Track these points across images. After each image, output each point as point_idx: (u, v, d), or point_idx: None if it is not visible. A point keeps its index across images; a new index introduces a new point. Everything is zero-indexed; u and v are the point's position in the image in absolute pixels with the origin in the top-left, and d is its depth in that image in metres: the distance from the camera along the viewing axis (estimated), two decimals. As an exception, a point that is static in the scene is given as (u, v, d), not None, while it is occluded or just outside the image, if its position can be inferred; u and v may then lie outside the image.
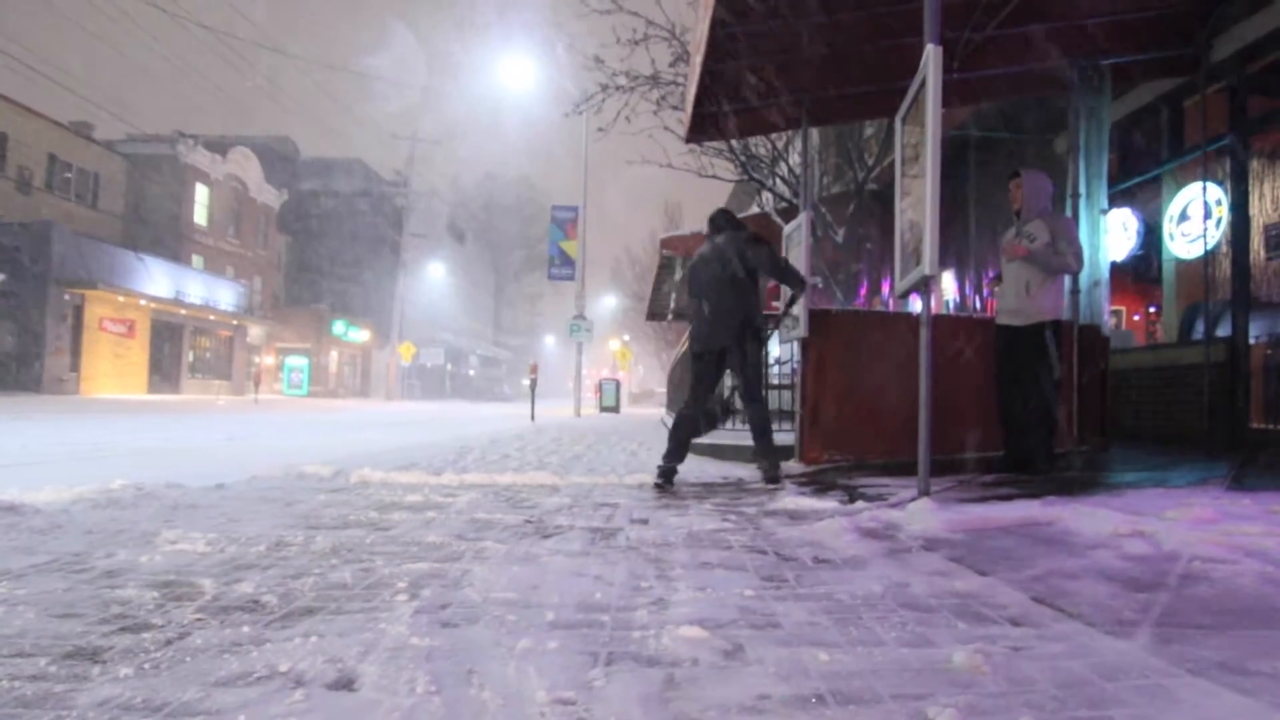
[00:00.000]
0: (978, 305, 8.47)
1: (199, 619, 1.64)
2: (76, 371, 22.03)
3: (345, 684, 1.30)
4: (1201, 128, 5.73)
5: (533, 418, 13.67)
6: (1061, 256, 4.10)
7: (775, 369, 7.61)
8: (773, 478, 4.11)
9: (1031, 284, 4.15)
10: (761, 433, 4.23)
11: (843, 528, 2.68)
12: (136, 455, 5.97)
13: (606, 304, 49.92)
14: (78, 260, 21.44)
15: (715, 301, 4.18)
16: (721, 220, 4.46)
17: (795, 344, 5.44)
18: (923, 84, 3.20)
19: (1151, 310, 7.32)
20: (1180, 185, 6.17)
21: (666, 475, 4.09)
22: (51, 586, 1.89)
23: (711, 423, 4.46)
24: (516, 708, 1.22)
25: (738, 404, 4.61)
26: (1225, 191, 5.54)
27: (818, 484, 4.15)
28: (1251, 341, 5.25)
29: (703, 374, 4.33)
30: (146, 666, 1.37)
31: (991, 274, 8.18)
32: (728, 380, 4.66)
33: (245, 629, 1.58)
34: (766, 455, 4.19)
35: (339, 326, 36.74)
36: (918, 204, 3.32)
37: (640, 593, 1.90)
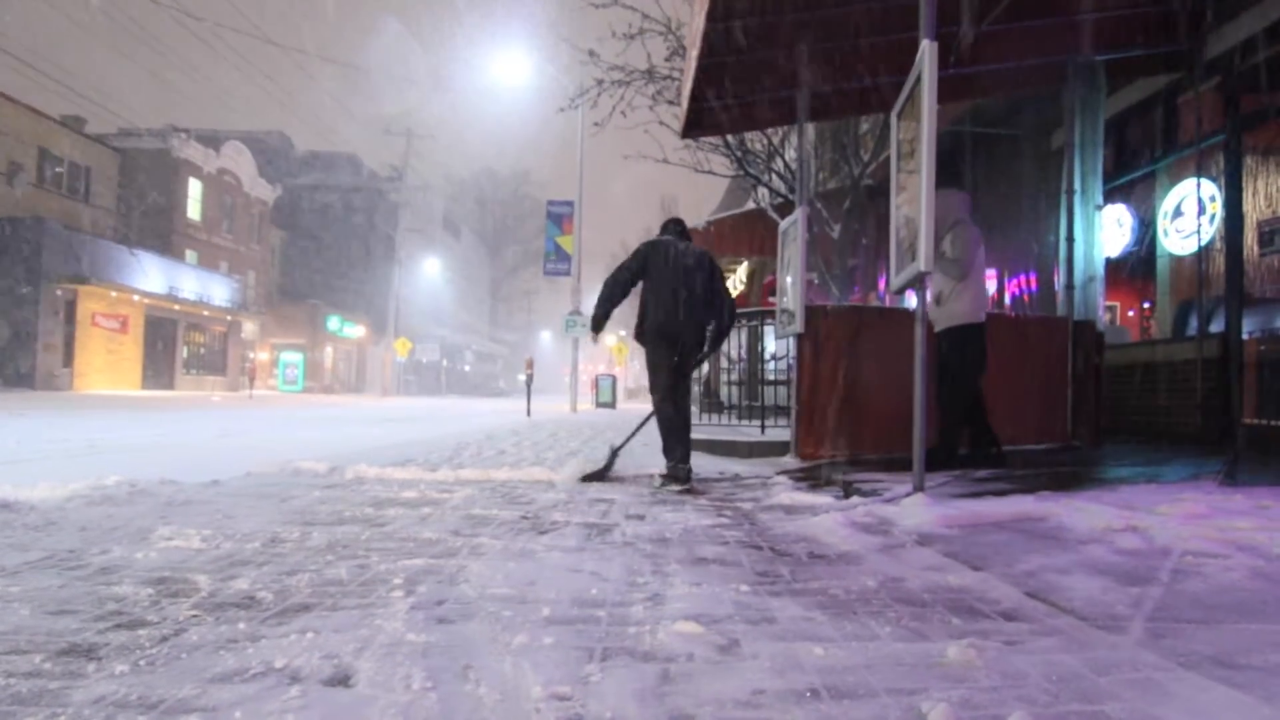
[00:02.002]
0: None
1: (194, 615, 1.64)
2: (69, 367, 21.90)
3: (341, 680, 1.30)
4: (1196, 124, 5.75)
5: (529, 413, 13.66)
6: (944, 261, 4.29)
7: (771, 364, 7.63)
8: (682, 475, 3.98)
9: (944, 293, 4.34)
10: (684, 432, 4.14)
11: (838, 523, 2.69)
12: (131, 451, 5.95)
13: (602, 299, 49.73)
14: (70, 255, 21.30)
15: (695, 305, 4.16)
16: (684, 228, 4.49)
17: (791, 339, 5.45)
18: (918, 79, 3.19)
19: (1146, 306, 7.35)
20: (1174, 181, 6.19)
21: (687, 476, 3.98)
22: (46, 583, 1.88)
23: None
24: (513, 703, 1.22)
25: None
26: (1219, 187, 5.56)
27: (813, 479, 4.16)
28: (1245, 337, 5.28)
29: (670, 362, 4.18)
30: (142, 663, 1.37)
31: (988, 270, 8.20)
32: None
33: (241, 625, 1.58)
34: (682, 458, 4.04)
35: (334, 322, 36.62)
36: (913, 200, 3.32)
37: (636, 588, 1.91)
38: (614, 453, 4.45)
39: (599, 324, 4.33)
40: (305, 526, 2.66)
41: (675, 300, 4.10)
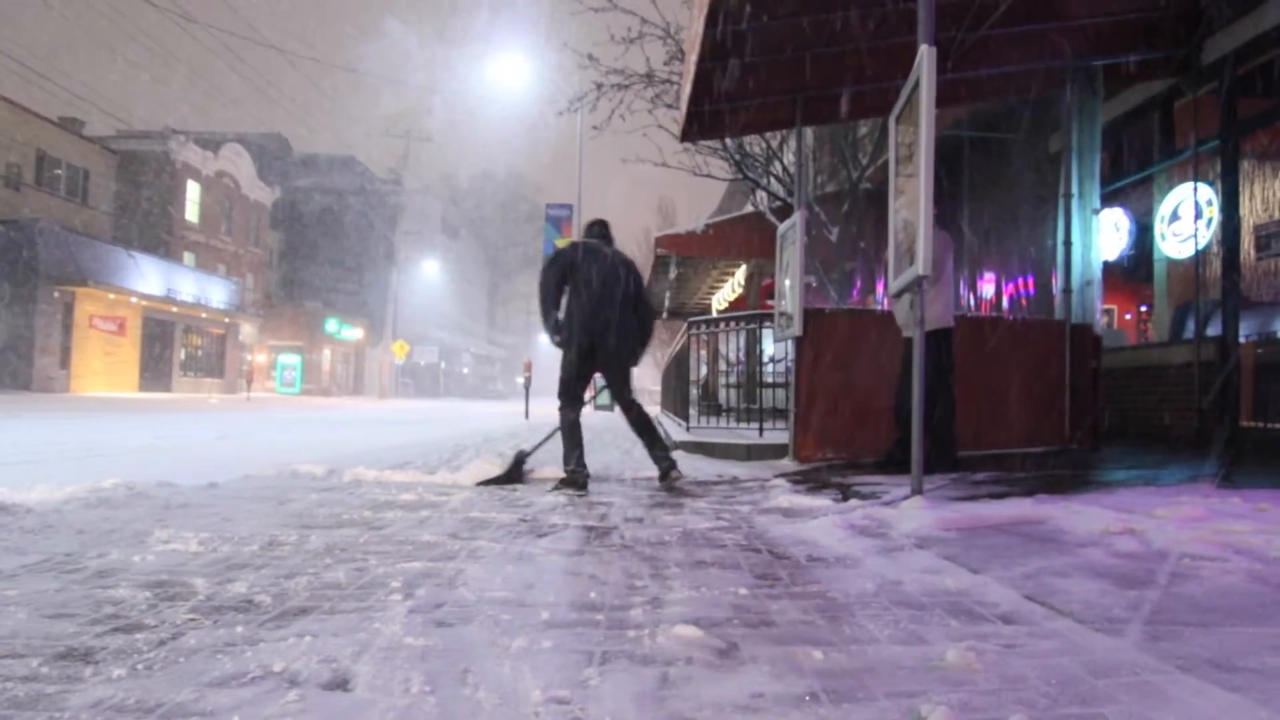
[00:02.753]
0: (971, 304, 8.51)
1: (192, 619, 1.64)
2: (67, 370, 21.87)
3: (340, 684, 1.30)
4: (1192, 128, 5.77)
5: (527, 416, 13.66)
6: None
7: (770, 367, 7.64)
8: (670, 468, 4.07)
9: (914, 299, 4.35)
10: (651, 427, 4.24)
11: (836, 526, 2.69)
12: (128, 454, 5.94)
13: (601, 302, 49.68)
14: (67, 258, 21.28)
15: (616, 310, 4.14)
16: (607, 232, 4.43)
17: (790, 343, 5.46)
18: (916, 84, 3.21)
19: (1143, 309, 7.37)
20: (1171, 185, 6.21)
21: (583, 482, 3.97)
22: (43, 586, 1.87)
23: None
24: (511, 707, 1.22)
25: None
26: (1216, 192, 5.58)
27: (811, 482, 4.16)
28: (1241, 340, 5.29)
29: (582, 369, 4.21)
30: (140, 667, 1.37)
31: (986, 274, 8.22)
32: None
33: (239, 629, 1.57)
34: (662, 448, 4.16)
35: (332, 324, 36.61)
36: (912, 203, 3.33)
37: (635, 591, 1.91)
38: (520, 457, 4.35)
39: (553, 330, 4.17)
40: (303, 529, 2.65)
41: (596, 307, 4.07)
